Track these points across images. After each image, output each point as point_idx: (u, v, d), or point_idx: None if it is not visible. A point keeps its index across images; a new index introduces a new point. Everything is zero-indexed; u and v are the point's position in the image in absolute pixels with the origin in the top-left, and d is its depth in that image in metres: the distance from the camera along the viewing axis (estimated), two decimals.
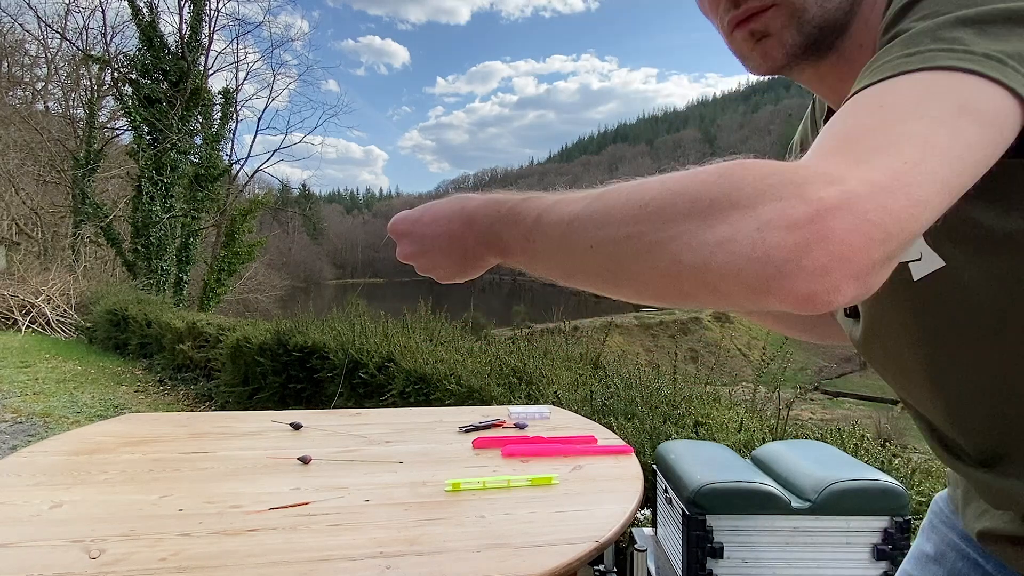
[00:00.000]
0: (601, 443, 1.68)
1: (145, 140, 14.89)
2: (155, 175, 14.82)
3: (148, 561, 1.00)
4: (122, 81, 15.35)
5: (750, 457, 1.94)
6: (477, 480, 1.38)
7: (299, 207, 27.85)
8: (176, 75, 15.13)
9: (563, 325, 6.38)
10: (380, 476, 1.44)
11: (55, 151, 17.11)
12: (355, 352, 4.64)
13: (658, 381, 3.46)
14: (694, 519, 1.59)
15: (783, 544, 1.58)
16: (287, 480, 1.40)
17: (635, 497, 1.34)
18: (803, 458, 1.78)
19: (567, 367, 3.93)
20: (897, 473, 2.33)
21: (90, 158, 15.98)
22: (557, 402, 3.09)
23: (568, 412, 2.16)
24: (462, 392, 3.61)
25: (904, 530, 1.55)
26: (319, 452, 1.58)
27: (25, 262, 15.04)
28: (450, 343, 4.70)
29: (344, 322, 5.36)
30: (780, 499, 1.59)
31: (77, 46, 17.00)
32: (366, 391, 4.47)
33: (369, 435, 1.77)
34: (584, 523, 1.20)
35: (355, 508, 1.26)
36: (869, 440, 2.67)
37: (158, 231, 14.97)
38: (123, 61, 15.36)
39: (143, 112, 14.56)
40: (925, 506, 2.19)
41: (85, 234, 15.98)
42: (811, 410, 17.95)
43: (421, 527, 1.17)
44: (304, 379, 5.15)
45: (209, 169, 15.99)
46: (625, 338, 31.39)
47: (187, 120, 15.35)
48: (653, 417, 2.83)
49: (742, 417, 2.98)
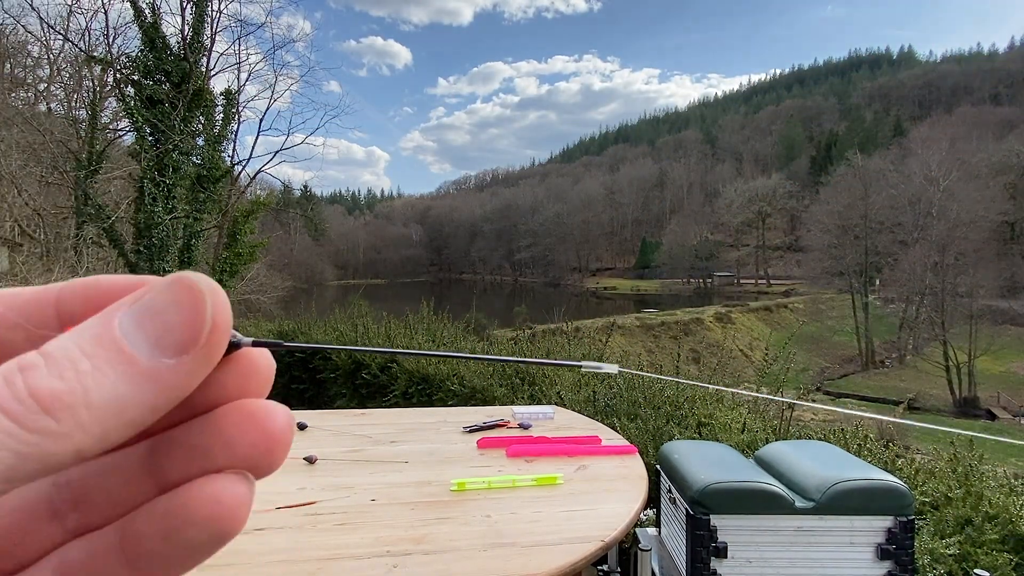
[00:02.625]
0: (605, 443, 1.68)
1: (147, 141, 14.91)
2: (157, 176, 14.84)
3: None
4: (124, 82, 15.37)
5: (753, 457, 1.94)
6: (482, 480, 1.39)
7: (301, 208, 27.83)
8: (178, 76, 15.15)
9: (565, 326, 6.38)
10: (386, 476, 1.45)
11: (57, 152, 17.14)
12: (358, 353, 4.64)
13: (660, 382, 3.46)
14: (698, 519, 1.59)
15: (787, 544, 1.58)
16: (293, 480, 1.41)
17: (640, 497, 1.35)
18: (807, 458, 1.78)
19: (569, 368, 3.93)
20: (900, 473, 2.33)
21: (92, 159, 16.00)
22: (560, 403, 3.09)
23: (572, 412, 2.17)
24: (465, 393, 3.61)
25: (908, 530, 1.55)
26: (325, 452, 1.59)
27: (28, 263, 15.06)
28: (452, 344, 4.71)
29: (347, 323, 5.37)
30: (784, 499, 1.59)
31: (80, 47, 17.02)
32: (369, 391, 4.48)
33: (374, 435, 1.77)
34: (589, 523, 1.21)
35: (361, 507, 1.26)
36: (872, 441, 2.67)
37: (160, 232, 14.99)
38: (125, 62, 15.38)
39: (145, 113, 14.58)
40: (928, 506, 2.19)
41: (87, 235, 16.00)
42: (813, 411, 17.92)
43: (427, 526, 1.17)
44: (307, 380, 5.16)
45: (211, 170, 16.00)
46: (627, 339, 31.36)
47: (189, 121, 15.36)
48: (656, 417, 2.83)
49: (745, 418, 2.98)
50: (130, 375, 0.17)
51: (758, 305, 47.67)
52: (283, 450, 0.20)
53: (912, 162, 46.00)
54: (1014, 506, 2.07)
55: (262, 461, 0.19)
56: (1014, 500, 2.11)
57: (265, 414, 0.20)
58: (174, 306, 0.18)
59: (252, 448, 0.19)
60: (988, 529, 2.01)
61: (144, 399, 0.17)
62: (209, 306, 0.18)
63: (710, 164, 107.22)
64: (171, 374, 0.18)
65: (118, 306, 0.19)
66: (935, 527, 2.10)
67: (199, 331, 0.18)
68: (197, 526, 0.18)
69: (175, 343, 0.18)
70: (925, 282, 35.17)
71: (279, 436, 0.20)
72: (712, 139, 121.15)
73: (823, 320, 40.81)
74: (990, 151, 52.62)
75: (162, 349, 0.18)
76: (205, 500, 0.18)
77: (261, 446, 0.19)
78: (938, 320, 32.81)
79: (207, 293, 0.19)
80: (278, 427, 0.20)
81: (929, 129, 55.16)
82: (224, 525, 0.18)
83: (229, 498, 0.18)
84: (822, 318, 41.22)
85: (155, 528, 0.18)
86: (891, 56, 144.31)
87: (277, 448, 0.19)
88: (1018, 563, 1.94)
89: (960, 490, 2.19)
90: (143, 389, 0.17)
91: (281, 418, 0.20)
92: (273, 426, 0.20)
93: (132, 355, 0.18)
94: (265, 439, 0.19)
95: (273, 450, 0.19)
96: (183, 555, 0.18)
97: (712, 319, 39.59)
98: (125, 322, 0.18)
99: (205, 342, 0.18)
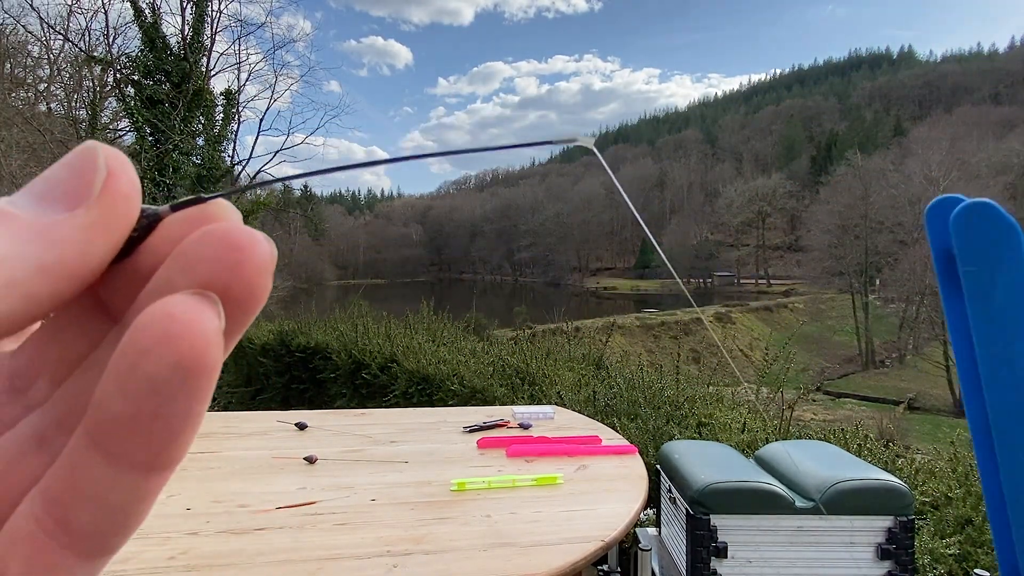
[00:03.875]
0: (605, 443, 1.69)
1: (147, 141, 14.93)
2: (158, 176, 14.86)
3: (156, 559, 1.01)
4: (124, 82, 15.38)
5: (754, 457, 1.94)
6: (482, 480, 1.39)
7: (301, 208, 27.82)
8: (178, 76, 15.17)
9: (565, 326, 6.38)
10: (386, 476, 1.45)
11: (58, 152, 17.11)
12: (358, 353, 4.64)
13: (661, 382, 3.46)
14: (698, 519, 1.59)
15: (787, 544, 1.59)
16: (293, 479, 1.41)
17: (640, 497, 1.35)
18: (807, 458, 1.78)
19: (570, 367, 3.93)
20: (901, 473, 2.33)
21: None
22: (560, 402, 3.09)
23: (572, 412, 2.17)
24: (465, 392, 3.61)
25: (908, 530, 1.55)
26: (325, 452, 1.59)
27: None
28: (452, 344, 4.71)
29: (347, 323, 5.37)
30: (784, 499, 1.59)
31: (80, 47, 17.02)
32: (369, 391, 4.48)
33: (374, 435, 1.77)
34: (589, 523, 1.21)
35: (362, 507, 1.26)
36: (872, 440, 2.67)
37: None
38: (125, 62, 15.39)
39: (145, 113, 14.60)
40: (928, 506, 2.19)
41: None
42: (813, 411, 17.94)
43: (427, 526, 1.17)
44: (307, 380, 5.16)
45: (211, 170, 16.02)
46: (627, 338, 31.38)
47: (189, 121, 15.38)
48: (656, 417, 2.83)
49: (745, 418, 2.98)
50: (12, 232, 0.15)
51: (758, 305, 47.69)
52: (255, 265, 0.16)
53: (912, 162, 46.01)
54: None
55: (231, 279, 0.16)
56: None
57: (232, 227, 0.16)
58: (62, 164, 0.16)
59: (216, 263, 0.16)
60: (988, 529, 2.01)
61: (29, 254, 0.15)
62: (102, 156, 0.16)
63: (710, 164, 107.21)
64: (62, 228, 0.15)
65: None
66: (935, 527, 2.10)
67: (90, 179, 0.16)
68: (151, 354, 0.14)
69: (63, 194, 0.16)
70: (925, 282, 35.16)
71: (248, 246, 0.16)
72: (712, 139, 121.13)
73: (823, 320, 40.84)
74: (990, 151, 52.60)
75: (48, 203, 0.16)
76: (155, 318, 0.14)
77: (226, 259, 0.16)
78: (938, 320, 32.81)
79: (100, 146, 0.16)
80: (245, 238, 0.16)
81: (929, 129, 55.15)
82: (182, 346, 0.14)
83: (183, 312, 0.15)
84: (822, 318, 41.25)
85: (111, 384, 0.15)
86: (891, 56, 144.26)
87: (247, 261, 0.16)
88: None
89: (960, 490, 2.19)
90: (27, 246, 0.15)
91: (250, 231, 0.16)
92: (240, 238, 0.16)
93: (12, 213, 0.15)
94: (230, 251, 0.16)
95: (242, 263, 0.16)
96: (149, 407, 0.14)
97: (712, 319, 39.60)
98: (16, 195, 0.16)
99: (101, 191, 0.16)
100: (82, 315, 0.18)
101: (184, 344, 0.14)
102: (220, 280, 0.16)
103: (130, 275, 0.18)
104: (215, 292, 0.15)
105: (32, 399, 0.17)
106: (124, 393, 0.14)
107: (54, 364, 0.18)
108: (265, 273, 0.16)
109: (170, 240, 0.17)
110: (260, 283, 0.16)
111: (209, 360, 0.15)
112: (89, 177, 0.16)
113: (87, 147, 0.16)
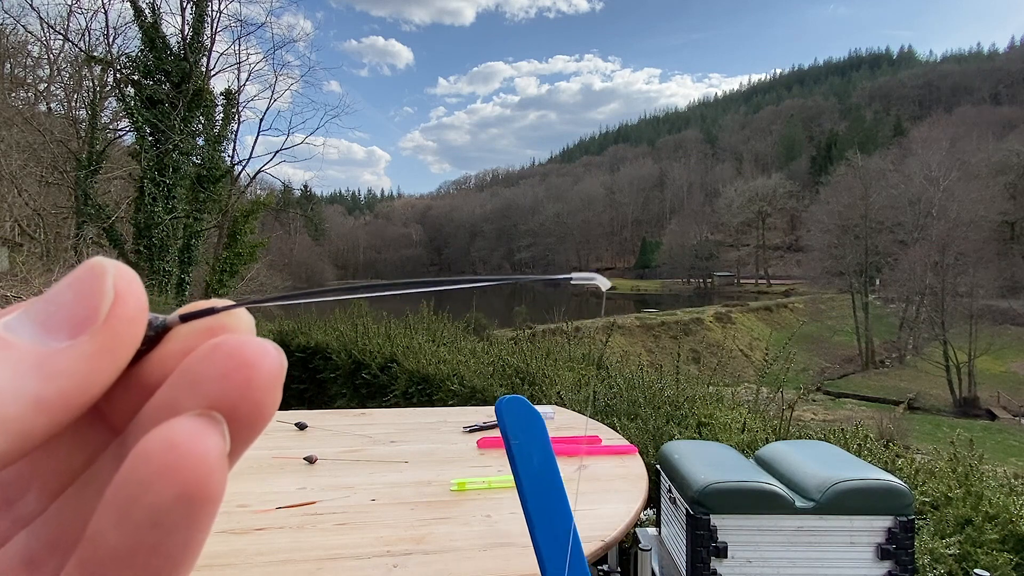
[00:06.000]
0: (605, 443, 1.69)
1: (147, 141, 14.93)
2: (157, 176, 14.87)
3: None
4: (124, 82, 15.38)
5: (753, 457, 1.94)
6: (482, 480, 1.39)
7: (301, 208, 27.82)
8: (178, 76, 15.17)
9: (565, 326, 6.38)
10: (386, 475, 1.45)
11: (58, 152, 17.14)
12: (358, 353, 4.65)
13: (661, 382, 3.46)
14: (698, 519, 1.59)
15: (787, 543, 1.59)
16: (293, 479, 1.41)
17: (640, 497, 1.35)
18: (807, 458, 1.78)
19: (570, 368, 3.93)
20: (900, 473, 2.33)
21: (92, 159, 16.00)
22: (560, 402, 3.09)
23: (572, 412, 2.17)
24: (465, 392, 3.61)
25: (908, 529, 1.55)
26: (325, 452, 1.59)
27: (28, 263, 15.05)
28: (452, 344, 4.71)
29: (347, 323, 5.37)
30: (784, 499, 1.59)
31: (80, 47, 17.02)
32: (369, 391, 4.48)
33: (374, 435, 1.77)
34: (589, 522, 1.21)
35: (362, 507, 1.26)
36: (872, 440, 2.67)
37: (160, 232, 15.01)
38: (125, 62, 15.39)
39: (145, 113, 14.60)
40: (928, 506, 2.19)
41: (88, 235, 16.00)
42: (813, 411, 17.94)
43: (427, 526, 1.17)
44: (307, 379, 5.16)
45: (211, 170, 16.03)
46: (627, 339, 31.36)
47: (189, 121, 15.38)
48: (656, 417, 2.83)
49: (745, 417, 2.98)
50: (8, 363, 0.14)
51: (758, 305, 47.66)
52: (264, 383, 0.15)
53: (912, 162, 46.00)
54: (1014, 506, 2.07)
55: (239, 399, 0.15)
56: (1014, 500, 2.11)
57: (242, 342, 0.15)
58: (66, 285, 0.15)
59: (224, 382, 0.15)
60: (988, 529, 2.01)
61: (25, 388, 0.14)
62: (110, 278, 0.15)
63: (710, 164, 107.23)
64: (63, 358, 0.14)
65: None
66: (935, 527, 2.10)
67: (95, 305, 0.15)
68: (152, 486, 0.13)
69: (65, 321, 0.15)
70: (925, 282, 35.18)
71: (257, 363, 0.15)
72: (712, 139, 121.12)
73: (823, 320, 40.82)
74: (990, 151, 52.63)
75: (49, 330, 0.14)
76: (157, 447, 0.14)
77: (235, 378, 0.15)
78: (938, 320, 32.81)
79: (109, 266, 0.15)
80: (256, 354, 0.15)
81: (929, 129, 55.12)
82: (186, 476, 0.13)
83: (186, 439, 0.14)
84: (822, 318, 41.23)
85: (109, 516, 0.14)
86: (891, 56, 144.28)
87: (255, 379, 0.15)
88: (1018, 563, 1.94)
89: (960, 490, 2.19)
90: (23, 379, 0.14)
91: (262, 345, 0.15)
92: (249, 354, 0.15)
93: (9, 340, 0.14)
94: (239, 368, 0.15)
95: (251, 381, 0.15)
96: (149, 541, 0.13)
97: (712, 319, 39.60)
98: (12, 316, 0.15)
99: (107, 317, 0.15)
100: (80, 425, 0.16)
101: (187, 475, 0.14)
102: (228, 400, 0.15)
103: (133, 385, 0.16)
104: (222, 411, 0.15)
105: (22, 512, 0.16)
106: (122, 526, 0.13)
107: (47, 476, 0.16)
108: (275, 390, 0.15)
109: (178, 351, 0.16)
110: (269, 401, 0.15)
111: (213, 489, 0.14)
112: (95, 302, 0.15)
113: (95, 269, 0.15)
